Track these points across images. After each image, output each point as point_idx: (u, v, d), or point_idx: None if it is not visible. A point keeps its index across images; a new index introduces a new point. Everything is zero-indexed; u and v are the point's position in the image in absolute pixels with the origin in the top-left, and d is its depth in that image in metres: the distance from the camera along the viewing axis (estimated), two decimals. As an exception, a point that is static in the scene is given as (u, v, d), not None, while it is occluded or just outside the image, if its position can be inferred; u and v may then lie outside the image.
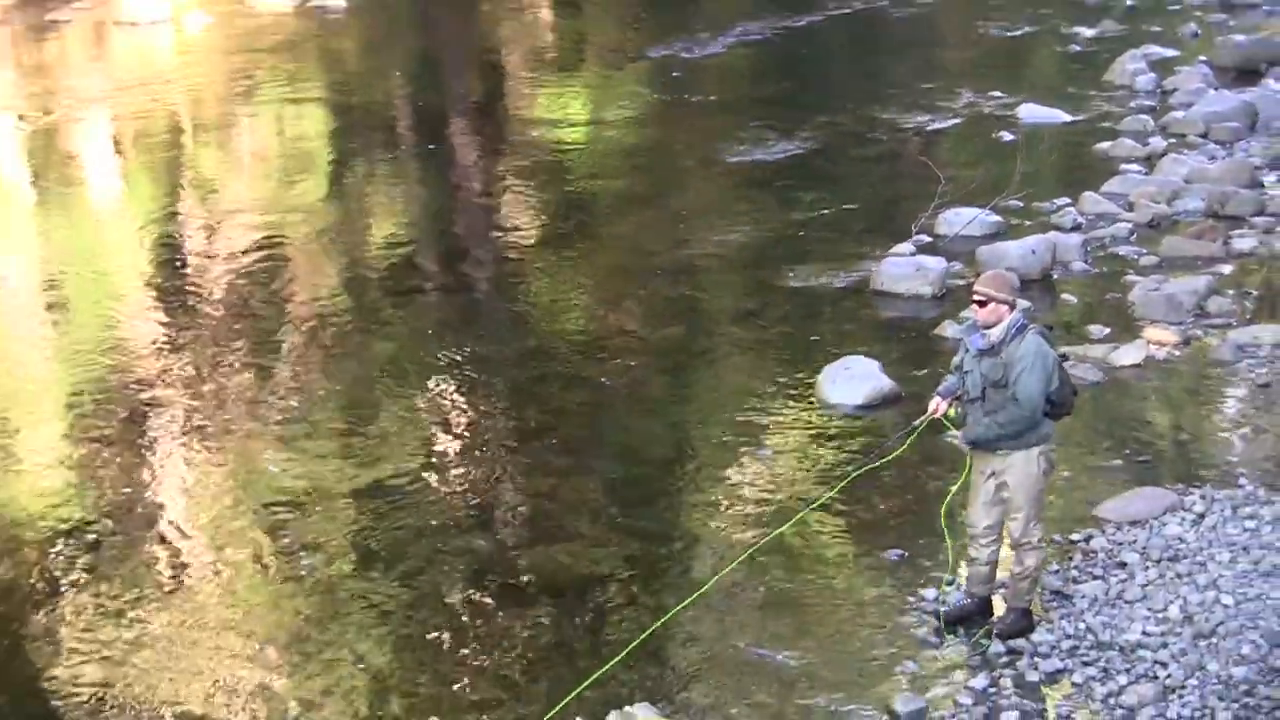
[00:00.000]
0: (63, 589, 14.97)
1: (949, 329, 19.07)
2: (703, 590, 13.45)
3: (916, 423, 13.64)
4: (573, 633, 14.01)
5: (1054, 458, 13.23)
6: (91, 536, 15.92)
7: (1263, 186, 23.57)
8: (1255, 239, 21.80)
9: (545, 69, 37.43)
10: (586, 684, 11.83)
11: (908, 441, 14.04)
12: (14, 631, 14.28)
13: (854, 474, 14.67)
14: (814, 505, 14.96)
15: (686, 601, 13.25)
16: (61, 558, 15.49)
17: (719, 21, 38.14)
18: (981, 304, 12.71)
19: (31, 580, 15.11)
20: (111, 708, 13.04)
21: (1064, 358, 13.15)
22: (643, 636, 12.81)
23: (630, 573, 14.87)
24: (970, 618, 13.41)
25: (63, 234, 26.38)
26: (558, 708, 11.36)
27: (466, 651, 13.70)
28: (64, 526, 16.10)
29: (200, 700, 13.17)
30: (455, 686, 13.26)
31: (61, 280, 23.89)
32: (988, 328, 12.68)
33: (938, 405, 13.20)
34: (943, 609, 13.64)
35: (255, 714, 13.04)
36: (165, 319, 21.78)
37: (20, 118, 31.84)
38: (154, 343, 20.90)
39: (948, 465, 15.57)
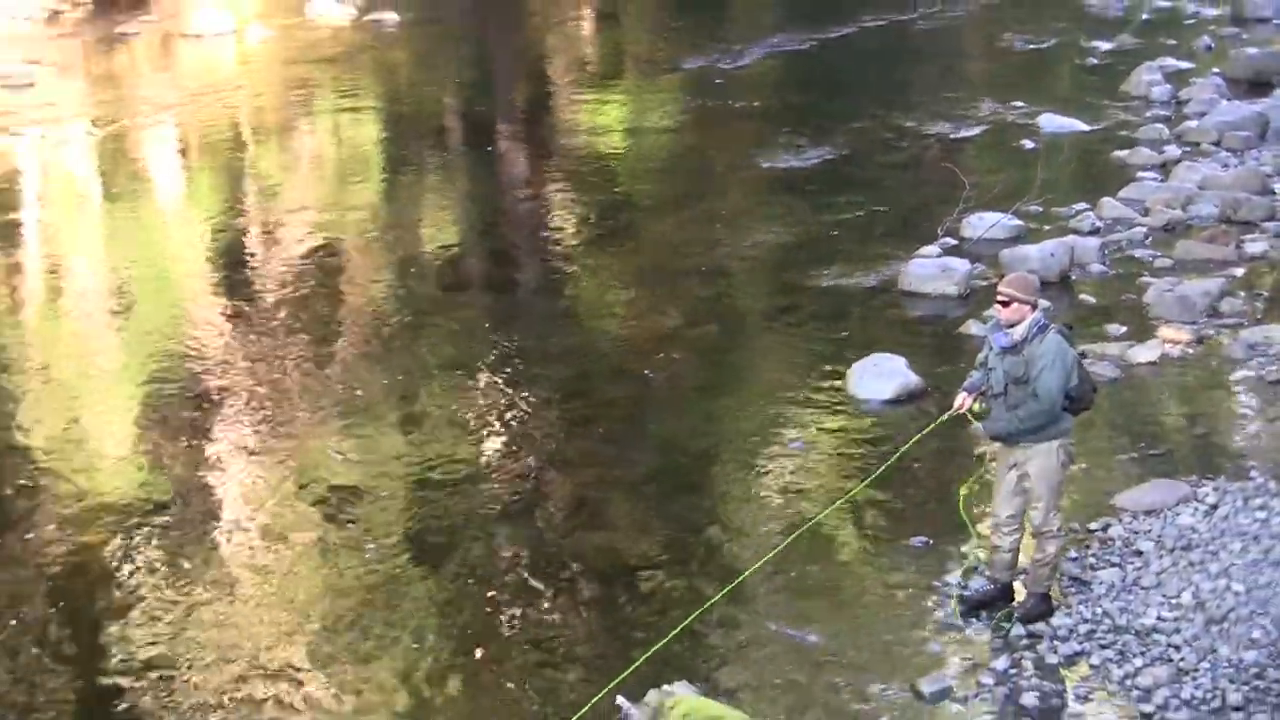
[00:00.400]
0: (134, 567, 15.06)
1: (973, 327, 19.06)
2: (747, 573, 13.47)
3: (943, 416, 13.62)
4: (616, 614, 14.05)
5: (1073, 451, 13.22)
6: (161, 518, 16.00)
7: (1273, 193, 23.52)
8: (1266, 243, 21.75)
9: (587, 79, 37.45)
10: (642, 659, 11.82)
11: (929, 428, 14.02)
12: (87, 606, 14.37)
13: (885, 465, 14.65)
14: (849, 495, 14.94)
15: (732, 585, 13.25)
16: (133, 537, 15.55)
17: (752, 34, 38.15)
18: (1005, 304, 12.72)
19: (104, 559, 15.18)
20: (177, 679, 13.10)
21: (1083, 355, 13.12)
22: (695, 614, 12.81)
23: (669, 558, 14.90)
24: (992, 602, 13.40)
25: (132, 234, 26.46)
26: (614, 683, 11.33)
27: (515, 631, 13.75)
28: (135, 508, 16.18)
29: (260, 672, 13.23)
30: (504, 664, 13.30)
31: (131, 277, 23.96)
32: (1011, 327, 12.68)
33: (963, 400, 13.20)
34: (965, 594, 13.66)
35: (314, 689, 13.09)
36: (229, 314, 21.87)
37: (92, 124, 31.91)
38: (219, 336, 21.00)
39: (971, 458, 15.59)
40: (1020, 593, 13.44)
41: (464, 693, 12.91)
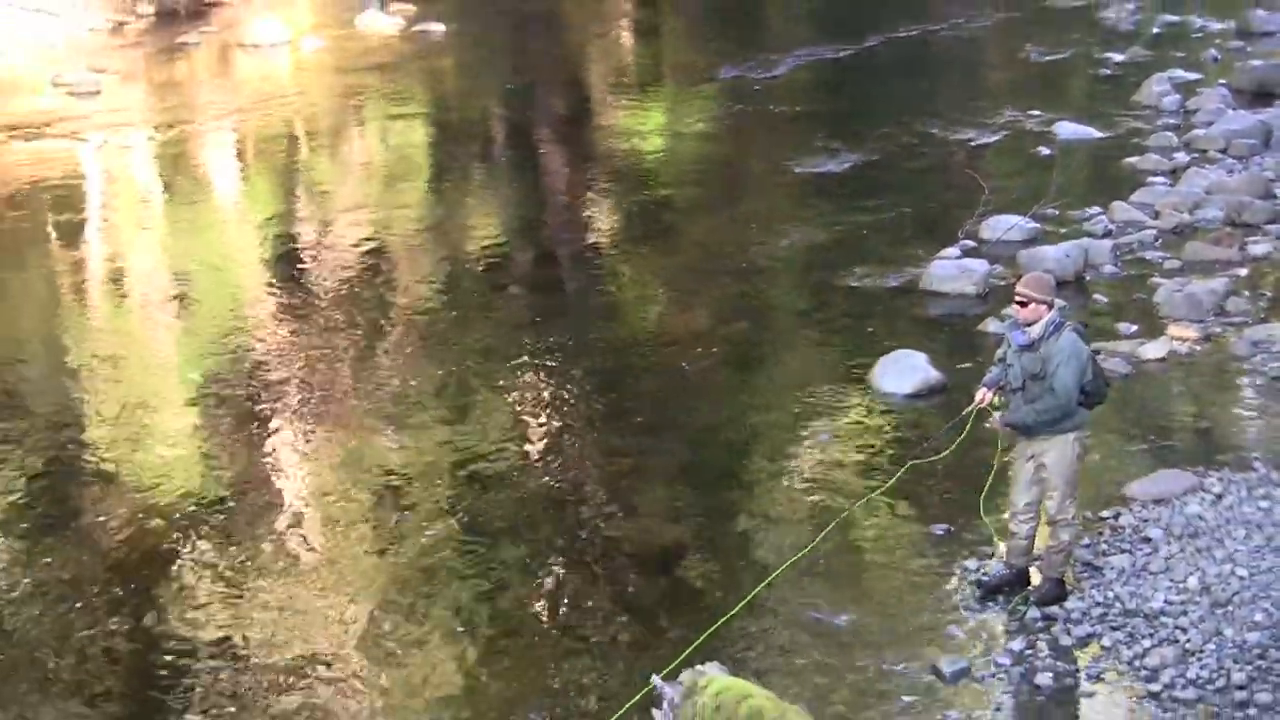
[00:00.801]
0: (196, 549, 15.18)
1: (991, 325, 19.08)
2: (793, 560, 13.55)
3: (965, 411, 13.68)
4: (651, 598, 14.12)
5: (1088, 443, 13.32)
6: (221, 503, 16.12)
7: (1276, 197, 23.49)
8: (1269, 245, 21.74)
9: (626, 87, 37.45)
10: (698, 642, 11.89)
11: (956, 428, 14.05)
12: (151, 587, 14.48)
13: (912, 461, 14.71)
14: (880, 490, 15.02)
15: (780, 569, 13.37)
16: (196, 521, 15.68)
17: (785, 45, 38.14)
18: (1023, 304, 12.81)
19: (169, 542, 15.30)
20: (238, 657, 13.23)
21: (1096, 353, 13.16)
22: (748, 599, 12.95)
23: (702, 545, 14.98)
24: (1009, 586, 13.47)
25: (192, 233, 26.54)
26: (676, 661, 11.38)
27: (555, 615, 13.84)
28: (197, 494, 16.33)
29: (315, 651, 13.34)
30: (545, 643, 13.40)
31: (192, 273, 24.06)
32: (1028, 325, 12.76)
33: (984, 395, 13.29)
34: (984, 578, 13.72)
35: (365, 668, 13.18)
36: (285, 308, 21.97)
37: (154, 129, 32.02)
38: (275, 329, 21.10)
39: (990, 450, 15.63)
40: (1036, 578, 13.50)
41: (508, 671, 13.00)
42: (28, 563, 15.13)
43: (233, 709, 12.62)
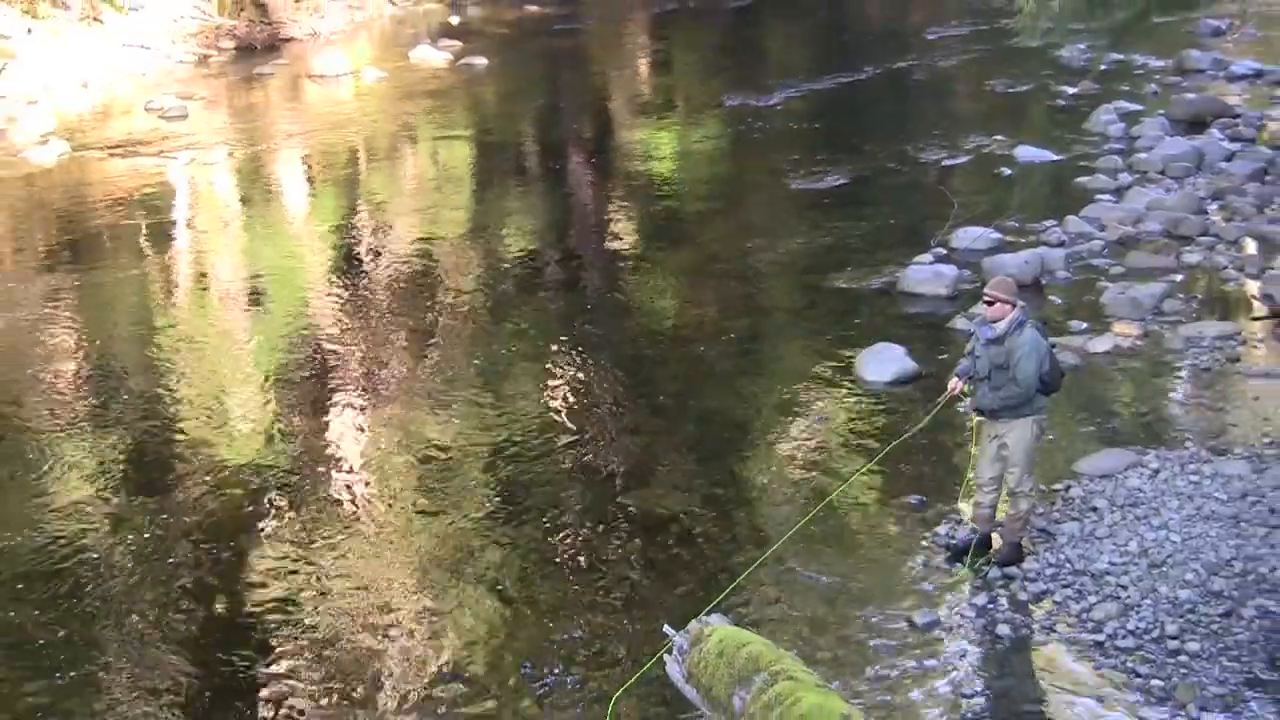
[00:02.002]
0: (262, 518, 15.26)
1: (960, 322, 19.09)
2: (799, 524, 13.55)
3: (940, 399, 13.72)
4: (664, 556, 14.16)
5: (1045, 425, 13.35)
6: (288, 475, 16.19)
7: (1207, 213, 23.47)
8: (1200, 254, 21.72)
9: (643, 113, 37.42)
10: (718, 600, 11.92)
11: (933, 413, 14.11)
12: (222, 551, 14.55)
13: (897, 441, 14.73)
14: (868, 468, 15.07)
15: (786, 536, 13.37)
16: (265, 491, 15.77)
17: (781, 77, 38.09)
18: (990, 304, 12.92)
19: (238, 510, 15.39)
20: (300, 610, 13.29)
21: (1052, 346, 13.19)
22: (761, 560, 13.01)
23: (709, 513, 15.00)
24: (975, 549, 13.50)
25: (265, 238, 26.59)
26: (704, 611, 11.39)
27: (581, 573, 13.89)
28: (267, 466, 16.41)
29: (367, 604, 13.41)
30: (571, 596, 13.44)
31: (265, 273, 24.14)
32: (994, 322, 12.84)
33: (956, 384, 13.34)
34: (953, 542, 13.76)
35: (411, 614, 13.24)
36: (345, 304, 22.01)
37: (233, 148, 32.06)
38: (336, 321, 21.15)
39: (959, 430, 15.67)
40: (997, 542, 13.54)
41: (539, 620, 13.07)
42: (125, 522, 15.23)
43: (301, 649, 12.70)
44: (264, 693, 12.19)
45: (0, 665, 12.68)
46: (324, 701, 12.03)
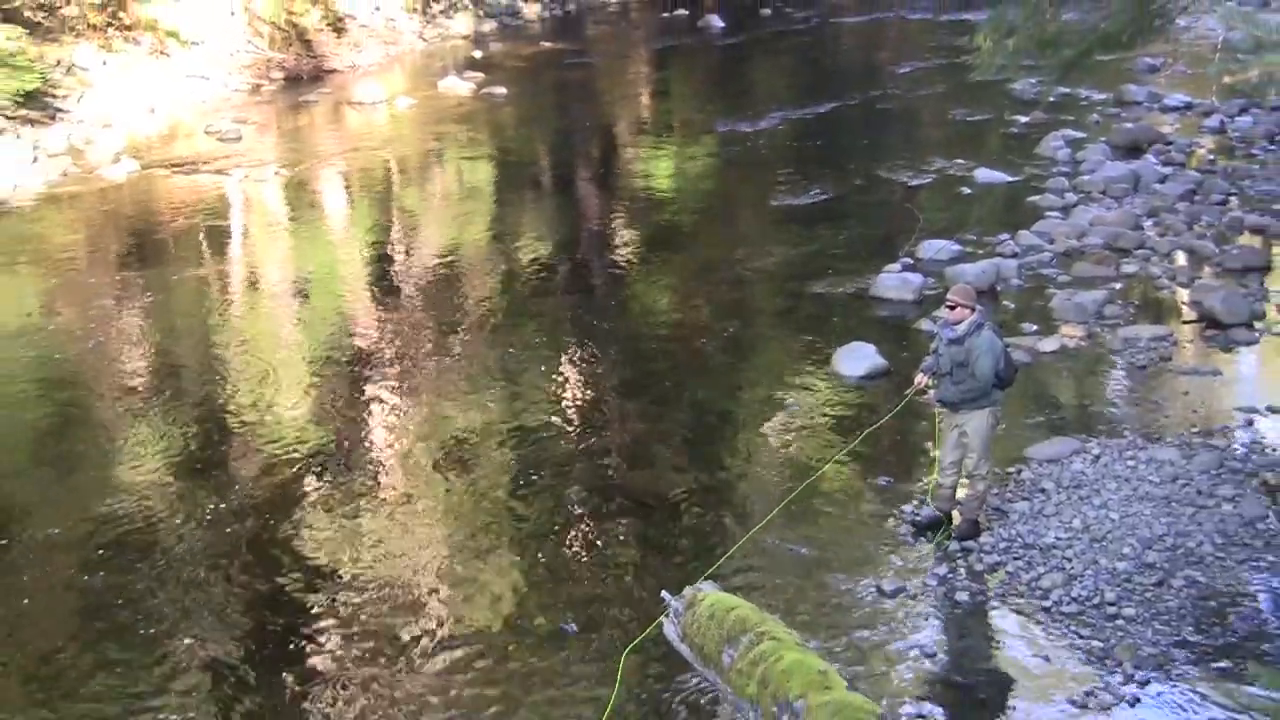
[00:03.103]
0: (308, 491, 15.29)
1: (924, 324, 19.12)
2: (780, 506, 13.61)
3: (907, 392, 13.76)
4: (660, 530, 14.18)
5: (1000, 415, 13.35)
6: (328, 457, 16.19)
7: (1142, 229, 23.48)
8: (1136, 265, 21.72)
9: (643, 137, 37.40)
10: (709, 571, 11.95)
11: (902, 403, 14.17)
12: (271, 522, 14.55)
13: (870, 428, 14.78)
14: (844, 451, 15.06)
15: (771, 514, 13.41)
16: (309, 471, 15.76)
17: (767, 106, 38.08)
18: (951, 308, 12.99)
19: (285, 485, 15.40)
20: (341, 578, 13.31)
21: (1007, 346, 13.20)
22: (749, 534, 13.09)
23: (700, 492, 15.01)
24: (936, 525, 13.52)
25: (309, 246, 26.56)
26: (703, 577, 11.40)
27: (588, 544, 13.89)
28: (310, 449, 16.38)
29: (402, 570, 13.42)
30: (578, 564, 13.46)
31: (309, 276, 24.16)
32: (955, 324, 12.88)
33: (921, 379, 13.40)
34: (917, 519, 13.77)
35: (435, 579, 13.25)
36: (377, 307, 21.98)
37: (282, 166, 32.05)
38: (370, 322, 21.10)
39: (923, 420, 15.66)
40: (956, 519, 13.55)
41: (549, 586, 13.10)
42: (188, 494, 15.26)
43: (342, 607, 12.72)
44: (310, 644, 12.22)
45: (79, 623, 12.72)
46: (361, 653, 12.05)
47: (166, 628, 12.48)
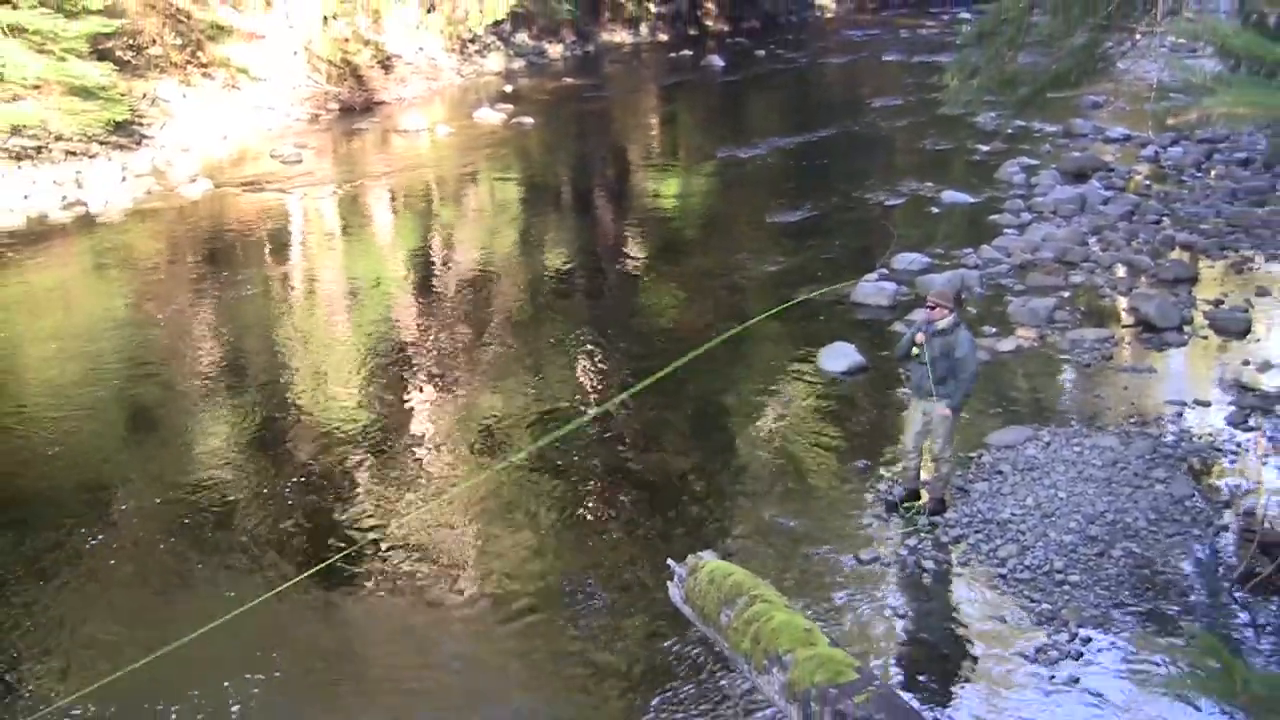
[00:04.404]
0: (355, 466, 15.34)
1: (897, 326, 19.16)
2: (719, 339, 13.56)
3: (912, 333, 13.42)
4: (666, 504, 14.19)
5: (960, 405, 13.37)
6: (374, 438, 16.23)
7: (1088, 244, 23.49)
8: (1083, 276, 21.73)
9: (653, 161, 37.44)
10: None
11: (825, 290, 14.16)
12: (326, 490, 14.62)
13: (799, 299, 14.75)
14: (773, 311, 15.10)
15: (705, 346, 13.41)
16: (356, 451, 15.81)
17: (761, 134, 38.08)
18: (932, 308, 12.99)
19: (338, 461, 15.45)
20: (383, 542, 13.36)
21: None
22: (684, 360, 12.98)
23: (702, 472, 15.05)
24: (906, 502, 13.55)
25: (359, 255, 26.59)
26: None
27: (602, 517, 13.94)
28: (357, 432, 16.42)
29: (432, 534, 13.47)
30: (592, 535, 13.50)
31: (358, 281, 24.15)
32: (938, 321, 12.91)
33: (921, 336, 13.26)
34: (889, 497, 13.79)
35: (464, 547, 13.30)
36: (419, 307, 22.06)
37: (336, 186, 32.10)
38: (412, 321, 21.18)
39: (896, 411, 15.68)
40: (924, 496, 13.57)
41: (566, 553, 13.16)
42: (244, 473, 15.32)
43: (385, 568, 12.77)
44: (356, 598, 12.28)
45: (158, 583, 12.79)
46: (403, 606, 12.12)
47: (234, 582, 12.54)
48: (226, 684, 10.93)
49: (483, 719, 10.52)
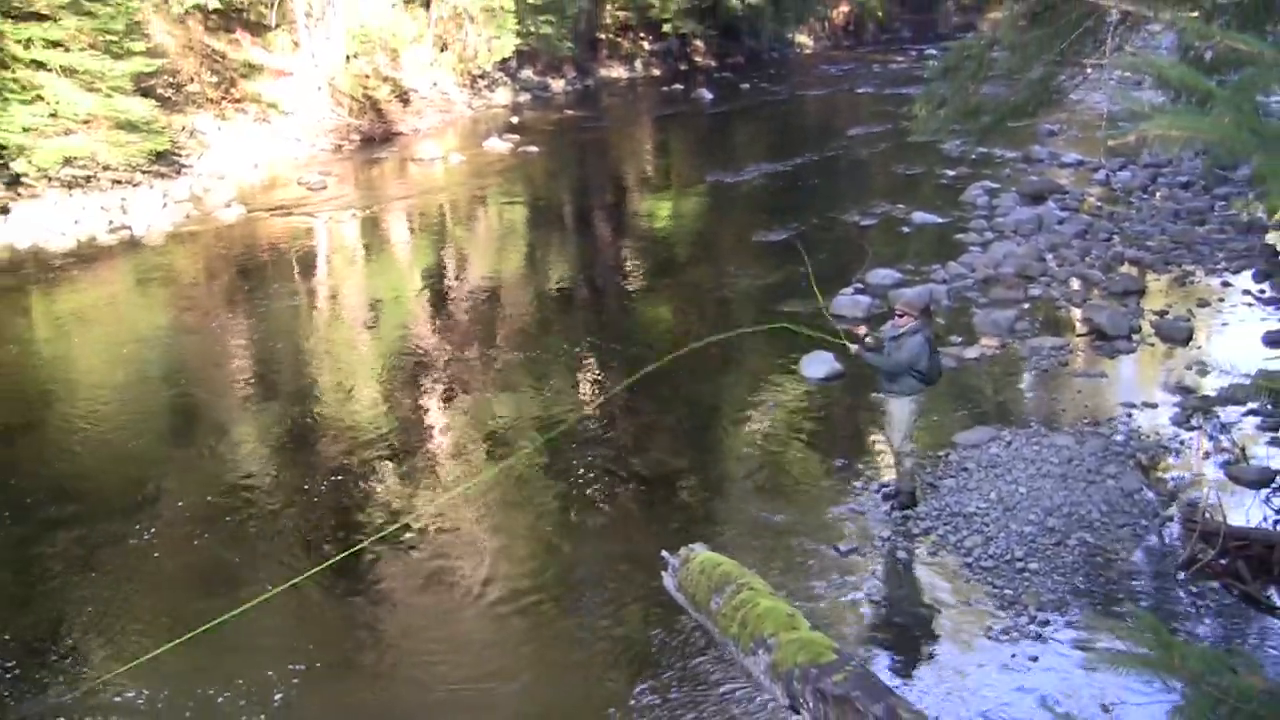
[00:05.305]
0: (377, 463, 15.38)
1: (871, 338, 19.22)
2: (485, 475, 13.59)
3: (853, 347, 13.54)
4: (660, 501, 14.26)
5: (921, 405, 13.34)
6: (393, 439, 16.27)
7: (1045, 260, 23.53)
8: (1041, 289, 21.77)
9: (647, 186, 37.45)
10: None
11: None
12: (349, 484, 14.64)
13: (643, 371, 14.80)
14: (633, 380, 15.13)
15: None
16: (376, 451, 15.84)
17: (749, 160, 38.08)
18: (900, 315, 13.09)
19: (360, 462, 15.46)
20: (404, 534, 13.38)
21: (936, 351, 13.26)
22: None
23: (693, 470, 15.13)
24: (887, 496, 13.63)
25: (378, 273, 26.65)
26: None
27: (601, 511, 13.96)
28: (377, 434, 16.44)
29: (446, 524, 13.49)
30: (592, 526, 13.53)
31: (378, 297, 24.20)
32: (899, 326, 13.01)
33: (863, 328, 13.63)
34: (885, 489, 13.85)
35: (477, 537, 13.33)
36: (433, 320, 22.06)
37: (357, 210, 32.12)
38: (427, 333, 21.17)
39: (872, 413, 15.72)
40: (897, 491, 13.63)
41: (568, 542, 13.21)
42: (273, 470, 15.39)
43: (401, 560, 12.81)
44: (376, 587, 12.33)
45: (198, 579, 12.83)
46: (417, 591, 12.17)
47: (265, 573, 12.56)
48: (264, 661, 10.99)
49: (492, 694, 10.58)
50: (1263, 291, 21.37)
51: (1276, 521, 12.79)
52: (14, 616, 12.01)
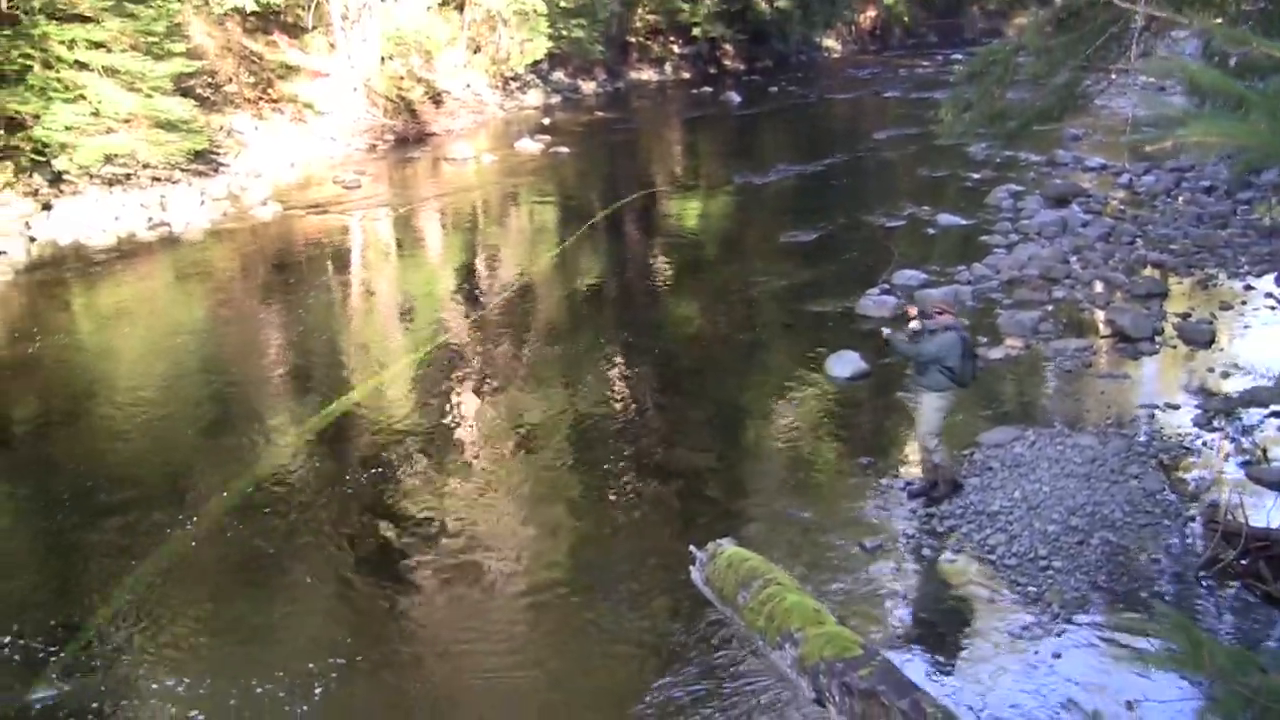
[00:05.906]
0: (408, 459, 15.42)
1: (899, 336, 19.16)
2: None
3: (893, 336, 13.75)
4: (687, 496, 14.25)
5: (950, 402, 13.37)
6: (425, 434, 16.31)
7: (1069, 263, 23.45)
8: (1065, 291, 21.70)
9: (676, 186, 37.39)
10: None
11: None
12: (381, 480, 14.70)
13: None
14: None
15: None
16: (407, 444, 15.89)
17: (776, 161, 38.06)
18: (940, 313, 13.20)
19: (391, 455, 15.51)
20: (433, 526, 13.42)
21: (974, 356, 13.31)
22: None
23: (721, 467, 15.12)
24: (920, 493, 13.66)
25: (412, 269, 26.73)
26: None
27: (630, 507, 13.97)
28: (410, 427, 16.49)
29: (477, 522, 13.51)
30: (621, 522, 13.54)
31: (412, 293, 24.30)
32: (940, 320, 13.13)
33: (912, 309, 13.75)
34: (911, 486, 13.85)
35: (506, 532, 13.36)
36: (466, 316, 22.04)
37: (391, 208, 32.22)
38: (459, 328, 21.18)
39: (897, 414, 15.70)
40: (929, 487, 13.62)
41: (597, 538, 13.22)
42: (304, 461, 15.43)
43: (435, 555, 12.84)
44: (407, 578, 12.36)
45: (233, 571, 12.90)
46: (448, 582, 12.21)
47: (297, 563, 12.66)
48: (304, 652, 11.05)
49: (524, 683, 10.62)
50: (1285, 295, 21.29)
51: (1298, 523, 12.74)
52: (60, 604, 12.12)
